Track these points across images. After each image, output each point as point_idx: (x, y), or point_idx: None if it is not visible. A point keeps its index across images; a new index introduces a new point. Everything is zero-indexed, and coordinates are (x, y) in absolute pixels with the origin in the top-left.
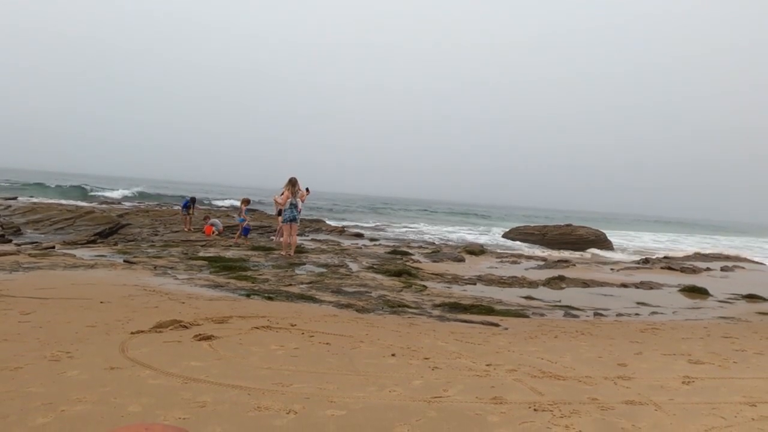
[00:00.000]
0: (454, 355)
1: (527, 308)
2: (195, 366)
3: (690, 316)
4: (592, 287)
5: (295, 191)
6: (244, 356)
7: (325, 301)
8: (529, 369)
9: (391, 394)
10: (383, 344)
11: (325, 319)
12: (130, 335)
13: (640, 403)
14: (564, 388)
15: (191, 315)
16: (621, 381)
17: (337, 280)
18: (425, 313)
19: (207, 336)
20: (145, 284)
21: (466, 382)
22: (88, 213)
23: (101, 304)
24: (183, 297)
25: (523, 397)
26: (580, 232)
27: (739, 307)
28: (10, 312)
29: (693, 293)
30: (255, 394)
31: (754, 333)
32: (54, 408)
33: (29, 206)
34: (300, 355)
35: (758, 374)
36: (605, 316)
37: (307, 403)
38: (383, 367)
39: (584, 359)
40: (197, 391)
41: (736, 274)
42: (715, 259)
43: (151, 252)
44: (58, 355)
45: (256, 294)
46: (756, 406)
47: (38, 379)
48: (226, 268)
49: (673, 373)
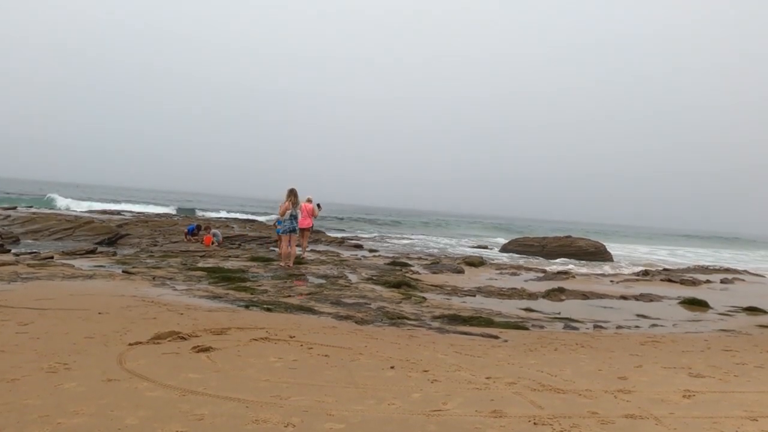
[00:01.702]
0: (453, 367)
1: (527, 320)
2: (193, 378)
3: (690, 328)
4: (592, 299)
5: (296, 202)
6: (243, 368)
7: (324, 313)
8: (528, 382)
9: (390, 407)
10: (382, 356)
11: (324, 331)
12: (128, 347)
13: (640, 417)
14: (564, 401)
15: (190, 326)
16: (621, 394)
17: (337, 291)
18: (424, 325)
19: (205, 348)
20: (144, 295)
21: (465, 395)
22: (88, 223)
23: (99, 315)
24: (181, 308)
25: (522, 410)
26: (580, 243)
27: (740, 320)
28: (7, 323)
29: (693, 306)
30: (253, 407)
31: (754, 346)
32: (51, 421)
33: (28, 216)
34: (298, 367)
35: (759, 388)
36: (605, 328)
37: (306, 416)
38: (382, 379)
39: (584, 372)
40: (195, 404)
41: (736, 286)
42: (715, 272)
43: (150, 262)
44: (56, 366)
45: (254, 305)
46: (757, 421)
47: (35, 391)
48: (225, 279)
49: (674, 387)
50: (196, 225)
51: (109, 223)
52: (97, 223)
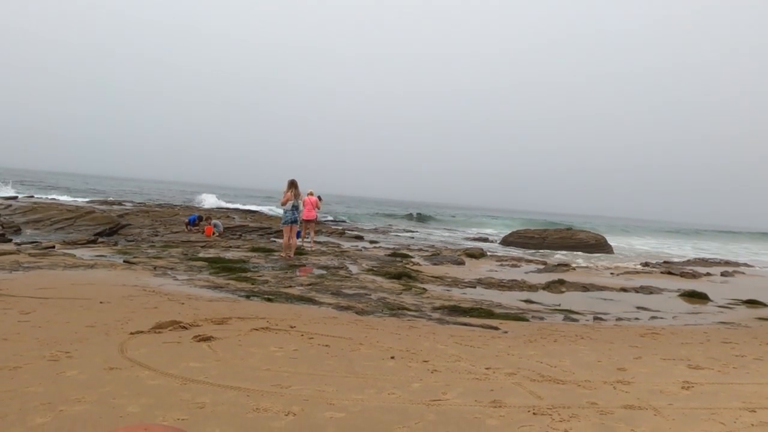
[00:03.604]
0: (453, 358)
1: (527, 312)
2: (194, 367)
3: (690, 321)
4: (592, 291)
5: (298, 194)
6: (243, 357)
7: (325, 303)
8: (528, 373)
9: (390, 396)
10: (382, 347)
11: (325, 321)
12: (129, 336)
13: (639, 408)
14: (563, 392)
15: (191, 316)
16: (620, 385)
17: (337, 282)
18: (425, 315)
19: (206, 337)
20: (145, 285)
21: (465, 385)
22: (89, 213)
23: (101, 304)
24: (182, 298)
25: (522, 400)
26: (581, 236)
27: (739, 313)
28: (9, 311)
29: (693, 298)
30: (254, 396)
31: (753, 338)
32: (53, 408)
33: (30, 206)
34: (299, 356)
35: (758, 380)
36: (605, 320)
37: (306, 405)
38: (382, 369)
39: (584, 363)
40: (196, 392)
41: (736, 279)
42: (715, 264)
43: (151, 252)
44: (57, 355)
45: (255, 295)
46: (755, 412)
47: (37, 379)
48: (225, 269)
49: (673, 378)
50: (197, 215)
51: (110, 213)
52: (98, 213)
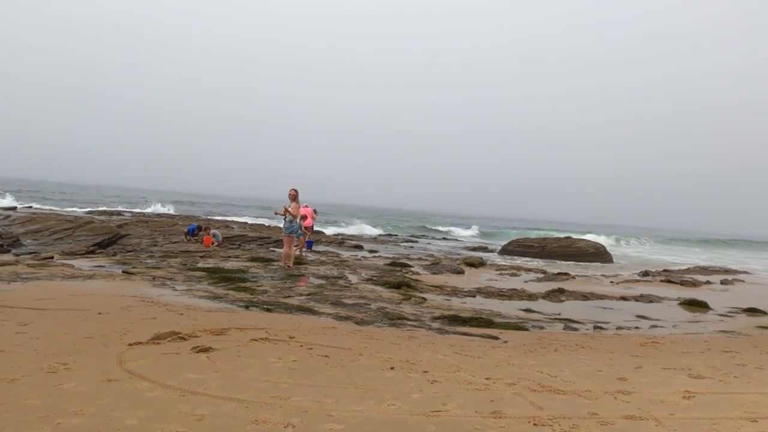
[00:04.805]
0: (453, 368)
1: (527, 321)
2: (193, 378)
3: (690, 329)
4: (592, 300)
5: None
6: (242, 369)
7: (324, 313)
8: (528, 383)
9: (390, 407)
10: (382, 357)
11: (324, 332)
12: (127, 347)
13: (640, 418)
14: (564, 402)
15: (189, 326)
16: (621, 395)
17: (336, 291)
18: (424, 325)
19: (205, 348)
20: (144, 295)
21: (465, 395)
22: (88, 223)
23: (99, 315)
24: (181, 308)
25: (522, 411)
26: (580, 244)
27: (740, 321)
28: (7, 323)
29: (693, 307)
30: (253, 407)
31: (754, 347)
32: (50, 421)
33: (28, 216)
34: (298, 367)
35: (759, 389)
36: (605, 329)
37: (306, 417)
38: (382, 380)
39: (584, 373)
40: (195, 404)
41: (736, 287)
42: (715, 273)
43: (150, 263)
44: (56, 366)
45: (254, 306)
46: (757, 422)
47: (35, 391)
48: (224, 280)
49: (674, 388)
50: (196, 225)
51: (108, 223)
52: (97, 224)
